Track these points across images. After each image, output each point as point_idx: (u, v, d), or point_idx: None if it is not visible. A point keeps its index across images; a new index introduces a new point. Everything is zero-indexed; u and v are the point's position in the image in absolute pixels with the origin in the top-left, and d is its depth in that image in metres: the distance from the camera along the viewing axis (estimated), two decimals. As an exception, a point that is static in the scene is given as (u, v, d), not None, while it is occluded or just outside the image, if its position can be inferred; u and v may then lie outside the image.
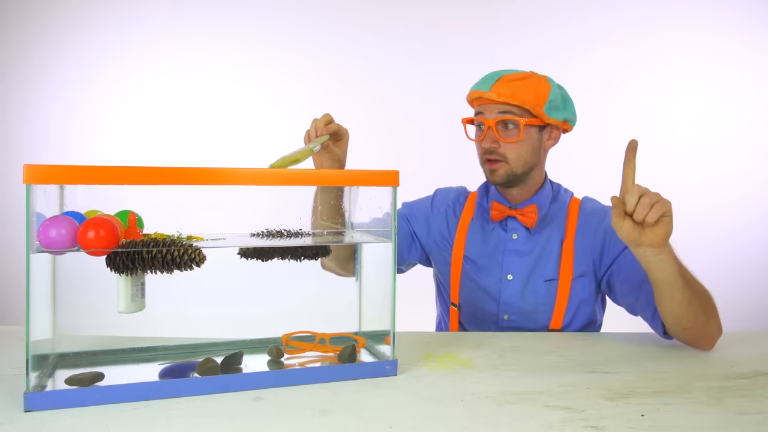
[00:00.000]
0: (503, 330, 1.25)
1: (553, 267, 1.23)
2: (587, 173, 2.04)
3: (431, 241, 1.34)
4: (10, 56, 2.87)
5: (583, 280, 1.22)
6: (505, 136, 1.18)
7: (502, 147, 1.18)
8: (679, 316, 1.01)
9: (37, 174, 0.70)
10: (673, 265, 0.96)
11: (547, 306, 1.23)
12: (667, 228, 0.92)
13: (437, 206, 1.35)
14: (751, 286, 2.83)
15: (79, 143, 2.87)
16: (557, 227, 1.25)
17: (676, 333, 1.06)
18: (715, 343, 1.06)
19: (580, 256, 1.22)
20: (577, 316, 1.24)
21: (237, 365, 0.88)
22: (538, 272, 1.23)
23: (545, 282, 1.23)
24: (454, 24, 2.87)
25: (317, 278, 1.01)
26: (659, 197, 0.92)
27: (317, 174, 0.87)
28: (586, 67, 2.79)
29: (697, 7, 2.88)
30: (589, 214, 1.26)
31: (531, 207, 1.23)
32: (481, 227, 1.29)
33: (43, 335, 0.81)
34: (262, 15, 2.87)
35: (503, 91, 1.15)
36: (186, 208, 0.85)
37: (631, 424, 0.72)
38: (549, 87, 1.17)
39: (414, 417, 0.73)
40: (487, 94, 1.16)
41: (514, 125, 1.17)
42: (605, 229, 1.22)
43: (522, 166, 1.20)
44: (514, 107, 1.16)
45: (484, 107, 1.19)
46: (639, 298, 1.13)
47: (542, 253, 1.24)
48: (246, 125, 2.86)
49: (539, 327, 1.24)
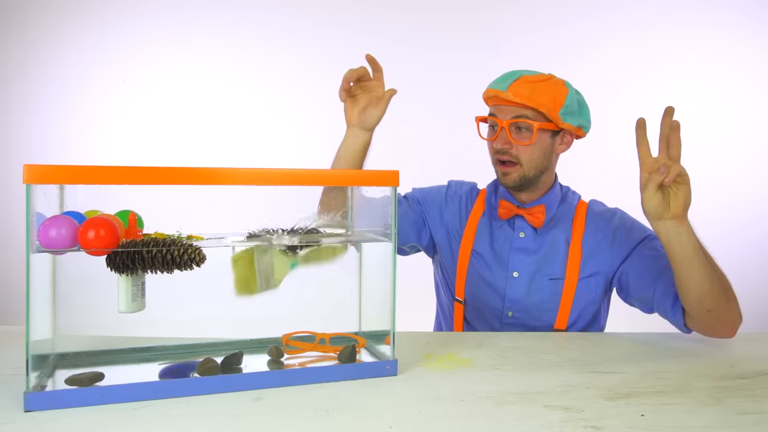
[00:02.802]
0: (507, 327, 1.26)
1: (560, 266, 1.24)
2: (587, 173, 2.04)
3: (443, 230, 1.34)
4: (10, 56, 2.87)
5: (590, 280, 1.23)
6: (517, 138, 1.18)
7: (514, 149, 1.19)
8: (701, 297, 1.02)
9: (37, 174, 0.70)
10: (693, 239, 1.00)
11: (551, 304, 1.23)
12: (687, 196, 0.97)
13: (451, 197, 1.35)
14: (751, 286, 2.81)
15: (79, 143, 2.86)
16: (564, 229, 1.26)
17: (698, 318, 1.06)
18: (736, 330, 1.08)
19: (587, 257, 1.23)
20: (582, 316, 1.24)
21: (237, 365, 0.88)
22: (544, 270, 1.24)
23: (550, 280, 1.23)
24: (455, 24, 2.87)
25: (317, 278, 1.00)
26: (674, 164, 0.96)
27: (317, 174, 0.87)
28: (586, 68, 2.78)
29: (697, 8, 2.88)
30: (596, 215, 1.27)
31: (539, 207, 1.24)
32: (489, 224, 1.30)
33: (43, 335, 0.81)
34: (261, 15, 2.87)
35: (520, 91, 1.15)
36: (186, 207, 0.85)
37: (631, 424, 0.72)
38: (566, 92, 1.17)
39: (414, 417, 0.73)
40: (504, 94, 1.16)
41: (527, 128, 1.18)
42: (614, 229, 1.23)
43: (533, 169, 1.20)
44: (529, 110, 1.16)
45: (499, 108, 1.19)
46: (657, 290, 1.13)
47: (548, 252, 1.24)
48: (245, 125, 2.85)
49: (543, 326, 1.24)
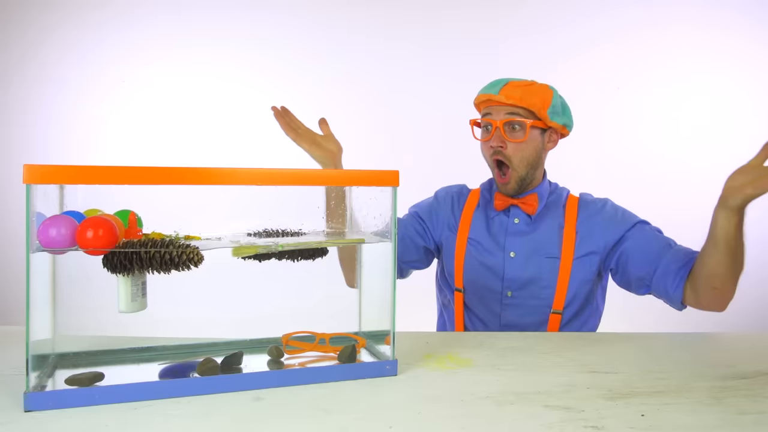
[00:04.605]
0: (507, 308, 1.31)
1: (555, 247, 1.31)
2: (587, 173, 2.04)
3: (440, 228, 1.40)
4: (10, 56, 2.87)
5: (585, 260, 1.29)
6: (511, 136, 1.26)
7: (508, 147, 1.26)
8: (714, 276, 1.11)
9: (37, 174, 0.70)
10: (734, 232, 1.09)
11: (549, 281, 1.29)
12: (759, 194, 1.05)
13: (441, 197, 1.43)
14: (751, 286, 2.81)
15: (79, 143, 2.86)
16: (556, 216, 1.33)
17: (701, 292, 1.15)
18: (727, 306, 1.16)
19: (582, 239, 1.30)
20: (578, 295, 1.30)
21: (237, 365, 0.88)
22: (541, 250, 1.31)
23: (547, 258, 1.30)
24: (455, 24, 2.87)
25: (317, 278, 1.00)
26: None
27: (317, 174, 0.87)
28: (586, 68, 2.79)
29: (697, 7, 2.87)
30: (588, 203, 1.35)
31: (532, 196, 1.32)
32: (484, 213, 1.37)
33: (43, 335, 0.81)
34: (261, 15, 2.87)
35: (512, 94, 1.24)
36: (185, 207, 0.85)
37: (631, 424, 0.72)
38: (552, 93, 1.27)
39: (414, 417, 0.73)
40: (497, 97, 1.24)
41: (520, 126, 1.26)
42: (607, 212, 1.32)
43: (525, 166, 1.28)
44: (521, 109, 1.25)
45: (492, 109, 1.27)
46: (659, 268, 1.21)
47: (543, 235, 1.32)
48: (245, 125, 2.85)
49: (542, 305, 1.29)
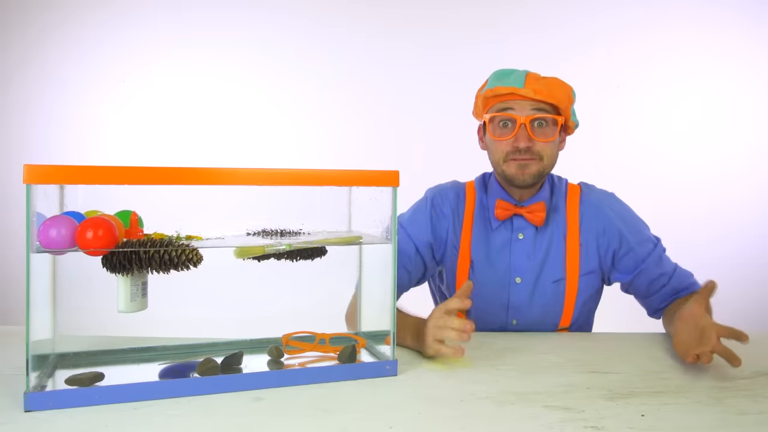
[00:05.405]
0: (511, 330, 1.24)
1: (560, 266, 1.21)
2: (586, 172, 2.03)
3: (442, 248, 1.25)
4: (11, 56, 2.87)
5: (589, 277, 1.22)
6: (540, 135, 1.13)
7: (536, 145, 1.13)
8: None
9: (37, 174, 0.70)
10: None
11: (555, 306, 1.21)
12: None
13: (438, 207, 1.26)
14: (751, 286, 2.82)
15: (79, 143, 2.86)
16: (559, 220, 1.22)
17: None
18: None
19: (586, 252, 1.20)
20: (582, 312, 1.24)
21: (237, 365, 0.88)
22: (546, 274, 1.20)
23: (553, 283, 1.20)
24: (456, 24, 2.87)
25: (317, 278, 1.00)
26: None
27: (317, 174, 0.87)
28: (586, 67, 2.78)
29: (696, 7, 2.87)
30: (591, 205, 1.22)
31: (539, 205, 1.18)
32: (483, 227, 1.23)
33: (43, 335, 0.81)
34: (261, 15, 2.87)
35: (539, 88, 1.10)
36: (186, 208, 0.85)
37: (631, 424, 0.72)
38: (571, 89, 1.15)
39: (414, 417, 0.73)
40: (522, 91, 1.10)
41: (549, 123, 1.13)
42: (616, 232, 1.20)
43: (551, 166, 1.17)
44: (548, 105, 1.12)
45: (516, 103, 1.13)
46: (667, 285, 1.19)
47: (548, 253, 1.21)
48: (245, 125, 2.86)
49: (549, 323, 1.23)
